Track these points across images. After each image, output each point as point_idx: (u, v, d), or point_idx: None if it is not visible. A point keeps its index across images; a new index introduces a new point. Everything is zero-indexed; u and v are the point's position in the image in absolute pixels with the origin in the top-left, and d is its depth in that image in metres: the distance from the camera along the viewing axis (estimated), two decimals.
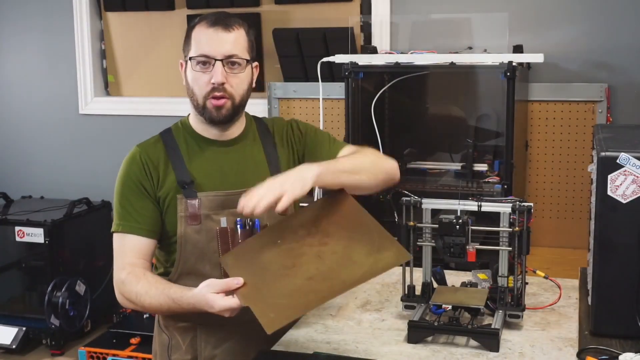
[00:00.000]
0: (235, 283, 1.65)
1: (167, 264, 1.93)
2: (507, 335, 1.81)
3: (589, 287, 1.85)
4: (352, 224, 1.71)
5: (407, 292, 1.94)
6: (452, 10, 3.47)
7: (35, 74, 4.37)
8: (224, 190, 1.88)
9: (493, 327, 1.76)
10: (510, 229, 1.81)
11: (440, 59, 3.06)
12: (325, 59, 3.28)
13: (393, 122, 3.36)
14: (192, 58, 1.85)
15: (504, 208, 1.82)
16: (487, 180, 2.99)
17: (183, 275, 1.88)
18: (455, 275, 2.18)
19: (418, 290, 1.94)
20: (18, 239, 3.80)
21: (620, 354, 1.62)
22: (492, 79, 3.01)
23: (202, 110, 1.87)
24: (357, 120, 3.09)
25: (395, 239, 1.69)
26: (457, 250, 1.84)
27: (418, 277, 1.94)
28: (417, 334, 1.78)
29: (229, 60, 1.83)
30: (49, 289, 3.66)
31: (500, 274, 1.85)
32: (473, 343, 1.75)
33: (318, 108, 3.40)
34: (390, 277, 2.23)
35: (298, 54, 3.63)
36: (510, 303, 1.85)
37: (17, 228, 3.79)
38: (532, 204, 1.81)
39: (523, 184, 3.33)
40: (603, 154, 1.71)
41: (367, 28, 3.67)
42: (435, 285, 1.98)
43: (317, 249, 1.66)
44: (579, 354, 1.69)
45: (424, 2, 3.54)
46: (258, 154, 1.95)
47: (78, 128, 4.32)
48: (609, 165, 1.70)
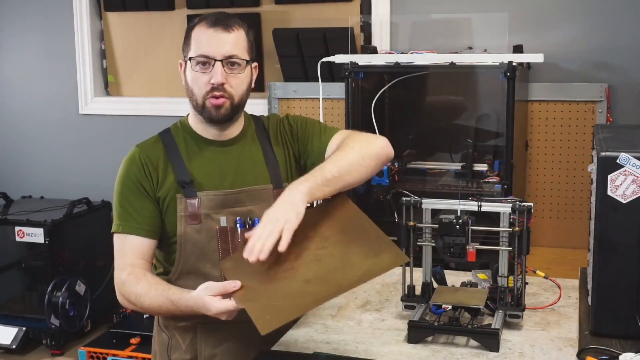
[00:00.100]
0: (233, 286, 1.65)
1: (167, 264, 1.93)
2: (507, 335, 1.81)
3: (589, 287, 1.85)
4: (350, 228, 1.72)
5: (407, 292, 1.94)
6: (452, 10, 3.47)
7: (35, 74, 4.37)
8: (224, 190, 1.88)
9: (493, 327, 1.76)
10: (510, 229, 1.81)
11: (440, 59, 3.06)
12: (325, 59, 3.28)
13: (393, 122, 3.36)
14: (192, 58, 1.85)
15: (504, 208, 1.82)
16: (487, 180, 2.99)
17: (183, 275, 1.89)
18: (455, 275, 2.18)
19: (418, 290, 1.94)
20: (18, 239, 3.80)
21: (620, 354, 1.62)
22: (492, 79, 3.01)
23: (201, 110, 1.87)
24: (357, 121, 3.09)
25: (393, 242, 1.69)
26: (457, 250, 1.84)
27: (418, 277, 1.94)
28: (417, 334, 1.78)
29: (229, 61, 1.83)
30: (49, 289, 3.66)
31: (500, 274, 1.85)
32: (473, 343, 1.75)
33: (318, 108, 3.40)
34: (390, 277, 2.23)
35: (298, 54, 3.63)
36: (510, 303, 1.85)
37: (17, 228, 3.78)
38: (532, 204, 1.81)
39: (523, 184, 3.33)
40: (603, 154, 1.71)
41: (367, 28, 3.67)
42: (435, 285, 1.98)
43: (315, 253, 1.67)
44: (579, 354, 1.69)
45: (424, 2, 3.54)
46: (257, 154, 1.95)
47: (78, 128, 4.32)
48: (609, 165, 1.70)
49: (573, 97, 3.30)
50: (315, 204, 1.80)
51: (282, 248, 1.63)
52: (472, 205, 1.86)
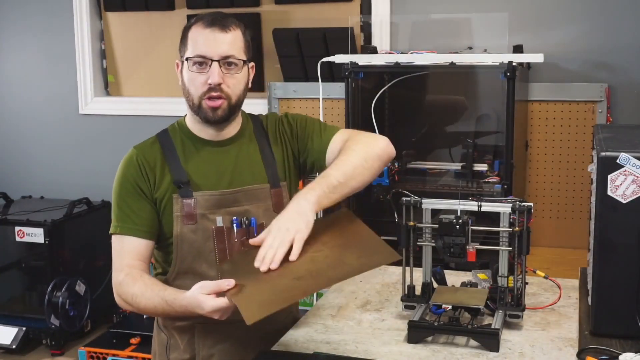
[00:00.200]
0: (226, 284, 1.65)
1: (165, 264, 1.93)
2: (507, 335, 1.80)
3: (589, 287, 1.85)
4: (347, 233, 1.73)
5: (407, 292, 1.94)
6: (452, 10, 3.47)
7: (35, 74, 4.37)
8: (220, 190, 1.88)
9: (493, 327, 1.76)
10: (510, 229, 1.81)
11: (440, 59, 3.06)
12: (325, 59, 3.28)
13: (393, 122, 3.35)
14: (188, 58, 1.84)
15: (504, 208, 1.82)
16: (487, 180, 2.99)
17: (180, 275, 1.89)
18: (455, 275, 2.18)
19: (418, 290, 1.94)
20: (18, 239, 3.80)
21: (620, 354, 1.62)
22: (492, 79, 3.01)
23: (197, 110, 1.86)
24: (357, 121, 3.09)
25: (386, 242, 1.69)
26: (457, 250, 1.84)
27: (418, 277, 1.94)
28: (417, 334, 1.78)
29: (226, 61, 1.83)
30: (49, 289, 3.66)
31: (500, 274, 1.85)
32: (473, 343, 1.75)
33: (318, 108, 3.40)
34: (390, 277, 2.23)
35: (298, 54, 3.63)
36: (510, 303, 1.85)
37: (17, 228, 3.78)
38: (532, 204, 1.81)
39: (523, 184, 3.33)
40: (603, 154, 1.71)
41: (367, 28, 3.67)
42: (435, 285, 1.97)
43: (311, 255, 1.68)
44: (579, 354, 1.69)
45: (424, 2, 3.54)
46: (254, 153, 1.95)
47: (78, 128, 4.32)
48: (609, 165, 1.70)
49: (573, 97, 3.30)
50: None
51: (293, 257, 1.65)
52: (472, 205, 1.86)
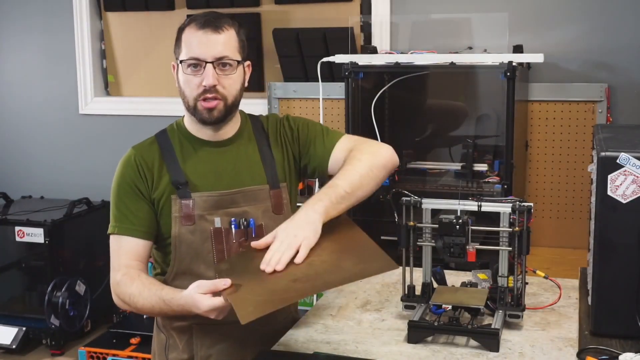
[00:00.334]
0: (223, 284, 1.65)
1: (164, 264, 1.94)
2: (507, 335, 1.80)
3: (589, 287, 1.85)
4: (346, 240, 1.74)
5: (407, 292, 1.94)
6: (452, 10, 3.47)
7: (35, 74, 4.37)
8: (218, 191, 1.88)
9: (493, 327, 1.76)
10: (510, 229, 1.81)
11: (440, 59, 3.06)
12: (325, 59, 3.28)
13: (393, 122, 3.35)
14: (182, 61, 1.84)
15: (504, 208, 1.82)
16: (487, 180, 2.99)
17: (179, 276, 1.89)
18: (455, 275, 2.18)
19: (418, 290, 1.94)
20: (18, 239, 3.79)
21: (620, 354, 1.62)
22: (492, 79, 3.01)
23: (193, 112, 1.86)
24: (357, 120, 3.09)
25: (385, 252, 1.69)
26: (457, 250, 1.84)
27: (418, 277, 1.94)
28: (417, 334, 1.78)
29: (220, 62, 1.82)
30: (49, 289, 3.66)
31: (500, 274, 1.85)
32: (473, 343, 1.75)
33: (318, 108, 3.40)
34: (390, 277, 2.23)
35: (298, 54, 3.63)
36: (510, 303, 1.85)
37: (17, 228, 3.78)
38: (532, 204, 1.81)
39: (523, 184, 3.33)
40: (603, 154, 1.71)
41: (367, 28, 3.67)
42: (435, 285, 1.97)
43: (309, 259, 1.68)
44: (579, 354, 1.69)
45: (424, 2, 3.54)
46: (253, 154, 1.95)
47: (78, 128, 4.32)
48: (609, 165, 1.70)
49: (573, 97, 3.30)
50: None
51: (298, 260, 1.65)
52: (472, 205, 1.86)
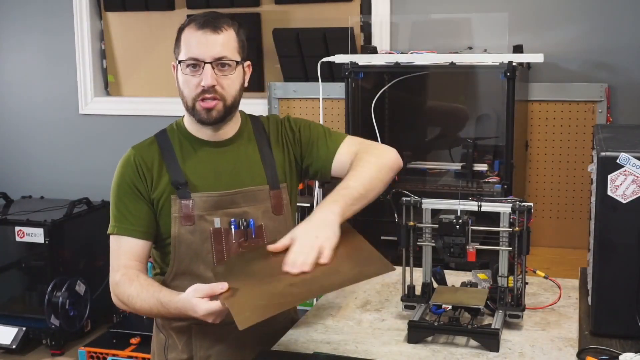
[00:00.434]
0: (220, 288, 1.65)
1: (163, 264, 1.94)
2: (507, 335, 1.80)
3: (589, 287, 1.85)
4: (342, 243, 1.73)
5: (407, 292, 1.94)
6: (452, 10, 3.47)
7: (35, 74, 4.37)
8: (218, 191, 1.88)
9: (493, 327, 1.76)
10: (510, 229, 1.81)
11: (440, 59, 3.06)
12: (325, 59, 3.28)
13: (393, 122, 3.36)
14: (181, 61, 1.84)
15: (504, 208, 1.82)
16: (487, 180, 2.99)
17: (178, 276, 1.89)
18: (455, 275, 2.18)
19: (418, 290, 1.94)
20: (18, 239, 3.80)
21: (620, 354, 1.62)
22: (492, 79, 3.01)
23: (192, 112, 1.86)
24: (357, 120, 3.09)
25: (382, 255, 1.69)
26: (457, 250, 1.84)
27: (418, 277, 1.94)
28: (417, 334, 1.78)
29: (219, 62, 1.82)
30: (49, 289, 3.66)
31: (500, 274, 1.85)
32: (473, 343, 1.75)
33: (318, 108, 3.40)
34: (390, 277, 2.23)
35: (298, 54, 3.63)
36: (510, 303, 1.85)
37: (17, 228, 3.78)
38: (532, 204, 1.81)
39: (523, 184, 3.33)
40: (603, 154, 1.71)
41: (367, 28, 3.67)
42: (435, 285, 1.97)
43: None
44: (579, 354, 1.69)
45: (424, 2, 3.54)
46: (253, 154, 1.95)
47: (78, 128, 4.32)
48: (609, 165, 1.70)
49: (573, 97, 3.30)
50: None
51: (325, 260, 1.64)
52: (472, 205, 1.86)
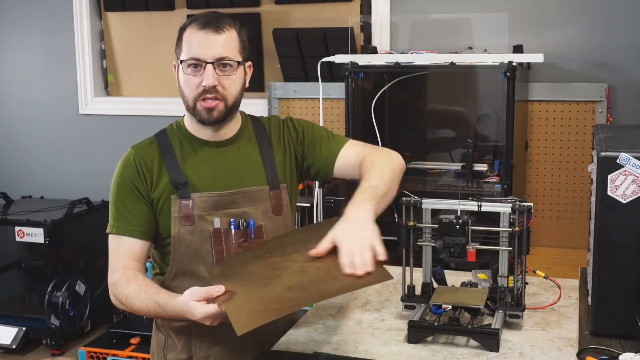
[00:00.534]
0: (217, 291, 1.64)
1: (162, 264, 1.94)
2: (507, 335, 1.80)
3: (589, 287, 1.85)
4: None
5: (407, 292, 1.94)
6: (452, 10, 3.47)
7: (35, 74, 4.37)
8: (218, 191, 1.88)
9: (493, 327, 1.76)
10: (510, 229, 1.81)
11: (440, 59, 3.06)
12: (325, 59, 3.28)
13: (393, 122, 3.36)
14: (183, 61, 1.84)
15: (504, 208, 1.82)
16: (487, 180, 2.99)
17: (178, 276, 1.89)
18: (455, 275, 2.18)
19: (418, 290, 1.94)
20: (18, 239, 3.80)
21: (620, 354, 1.62)
22: (492, 79, 3.01)
23: (193, 112, 1.86)
24: (357, 120, 3.09)
25: (379, 261, 1.68)
26: (457, 250, 1.84)
27: (418, 277, 1.93)
28: (417, 334, 1.78)
29: (220, 63, 1.82)
30: (49, 289, 3.66)
31: (500, 274, 1.85)
32: (473, 343, 1.75)
33: (318, 108, 3.40)
34: None
35: (298, 54, 3.63)
36: (510, 303, 1.85)
37: (17, 228, 3.78)
38: (532, 204, 1.81)
39: (523, 184, 3.33)
40: (603, 154, 1.71)
41: (367, 28, 3.67)
42: (435, 285, 1.97)
43: (301, 265, 1.68)
44: (579, 354, 1.69)
45: (424, 2, 3.54)
46: (253, 154, 1.95)
47: (78, 128, 4.32)
48: (609, 165, 1.70)
49: (573, 97, 3.30)
50: (315, 206, 1.80)
51: (383, 257, 1.62)
52: (472, 205, 1.86)
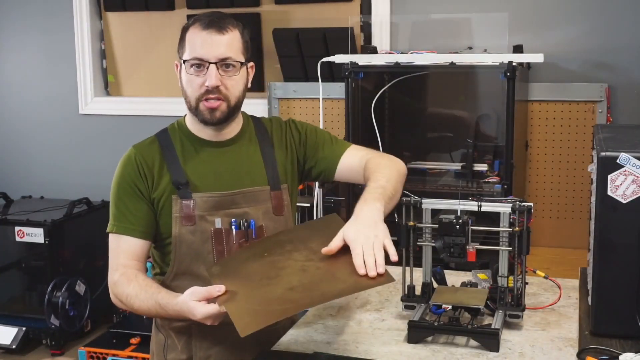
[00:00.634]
0: (217, 290, 1.64)
1: (163, 264, 1.94)
2: (507, 335, 1.80)
3: (589, 287, 1.85)
4: (343, 251, 1.72)
5: (407, 292, 1.93)
6: (452, 10, 3.47)
7: (35, 74, 4.37)
8: (219, 192, 1.88)
9: (493, 327, 1.76)
10: (510, 229, 1.81)
11: (440, 59, 3.06)
12: (325, 59, 3.28)
13: (393, 122, 3.36)
14: (186, 61, 1.84)
15: (504, 208, 1.82)
16: (487, 180, 2.99)
17: (178, 276, 1.89)
18: (455, 275, 2.18)
19: (418, 290, 1.94)
20: (18, 239, 3.80)
21: (620, 354, 1.62)
22: (492, 79, 3.01)
23: (195, 112, 1.86)
24: (357, 121, 3.09)
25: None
26: (457, 250, 1.84)
27: (418, 277, 1.93)
28: (417, 334, 1.78)
29: (223, 63, 1.82)
30: (49, 289, 3.66)
31: (500, 274, 1.85)
32: (473, 343, 1.75)
33: (318, 108, 3.40)
34: None
35: (298, 54, 3.63)
36: (510, 303, 1.85)
37: (17, 228, 3.79)
38: (532, 204, 1.81)
39: (523, 184, 3.33)
40: (603, 154, 1.71)
41: (367, 28, 3.67)
42: (435, 285, 1.97)
43: (301, 264, 1.67)
44: (579, 354, 1.69)
45: (424, 2, 3.54)
46: (254, 155, 1.95)
47: (78, 128, 4.32)
48: (609, 165, 1.70)
49: (573, 97, 3.30)
50: (315, 205, 1.80)
51: (395, 258, 1.63)
52: (472, 205, 1.86)
